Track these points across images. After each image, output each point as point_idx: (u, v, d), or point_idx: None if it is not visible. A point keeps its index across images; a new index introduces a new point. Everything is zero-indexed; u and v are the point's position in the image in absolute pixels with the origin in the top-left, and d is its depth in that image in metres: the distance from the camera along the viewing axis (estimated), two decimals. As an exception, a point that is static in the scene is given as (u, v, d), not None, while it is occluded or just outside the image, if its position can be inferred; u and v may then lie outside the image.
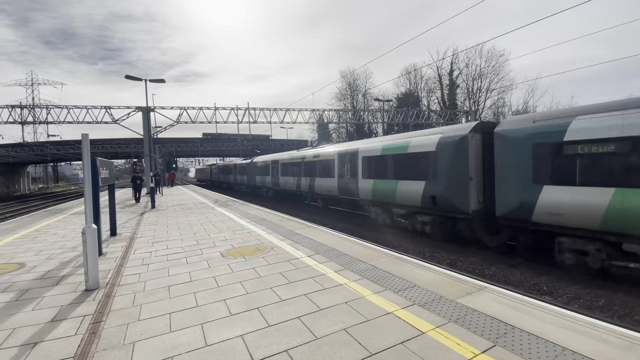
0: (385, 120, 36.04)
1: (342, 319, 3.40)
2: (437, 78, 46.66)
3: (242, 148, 48.30)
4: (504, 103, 41.99)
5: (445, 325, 3.21)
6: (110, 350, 2.92)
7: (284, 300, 3.93)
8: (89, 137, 4.77)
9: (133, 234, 8.53)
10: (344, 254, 5.88)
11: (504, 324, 3.21)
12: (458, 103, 44.31)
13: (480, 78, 42.26)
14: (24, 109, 25.69)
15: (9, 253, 6.64)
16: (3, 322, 3.50)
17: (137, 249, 6.81)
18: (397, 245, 9.61)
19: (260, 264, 5.46)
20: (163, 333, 3.20)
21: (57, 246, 7.21)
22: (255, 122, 29.24)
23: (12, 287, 4.60)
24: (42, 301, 4.08)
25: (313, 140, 60.09)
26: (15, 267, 5.58)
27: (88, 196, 4.60)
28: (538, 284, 6.65)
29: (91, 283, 4.44)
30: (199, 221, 10.26)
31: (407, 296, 3.94)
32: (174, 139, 49.64)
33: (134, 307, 3.83)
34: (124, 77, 21.55)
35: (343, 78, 54.70)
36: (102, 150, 42.75)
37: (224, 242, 7.21)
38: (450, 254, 8.80)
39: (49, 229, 9.52)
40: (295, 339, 3.02)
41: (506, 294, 3.96)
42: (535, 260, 7.70)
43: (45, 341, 3.10)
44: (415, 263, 5.34)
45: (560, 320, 3.27)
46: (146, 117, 24.09)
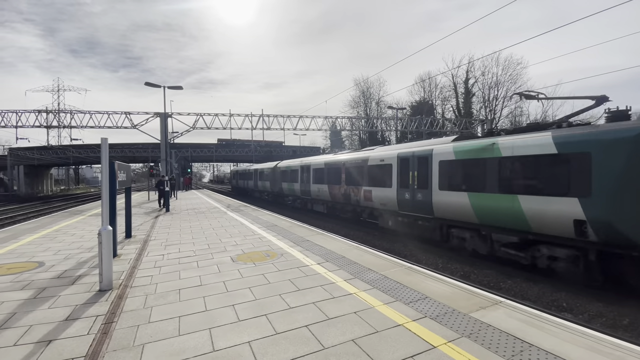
0: (399, 129, 35.81)
1: (350, 329, 3.34)
2: (452, 86, 46.22)
3: (255, 154, 48.86)
4: (521, 112, 41.12)
5: (458, 340, 3.10)
6: (120, 351, 2.95)
7: (292, 308, 3.90)
8: (109, 141, 4.92)
9: (147, 236, 8.69)
10: (354, 263, 5.81)
11: (520, 341, 3.08)
12: (473, 111, 43.66)
13: (497, 86, 41.61)
14: (49, 113, 26.83)
15: (29, 252, 6.87)
16: (21, 319, 3.60)
17: (150, 251, 6.93)
18: (408, 255, 9.45)
19: (269, 270, 5.46)
20: (172, 336, 3.22)
21: (74, 246, 7.41)
22: (269, 129, 29.54)
23: (31, 285, 4.74)
24: (57, 300, 4.18)
25: (325, 147, 60.26)
26: (34, 266, 5.76)
27: (105, 198, 4.72)
28: (557, 299, 6.38)
29: (105, 284, 4.52)
30: (211, 225, 10.37)
31: (418, 308, 3.85)
32: (190, 144, 50.72)
33: (145, 309, 3.87)
34: (143, 84, 22.21)
35: (357, 86, 54.93)
36: (121, 154, 44.03)
37: (234, 247, 7.25)
38: (464, 265, 8.57)
39: (68, 230, 9.81)
40: (302, 348, 2.98)
41: (523, 310, 3.80)
42: (554, 275, 7.41)
43: (59, 339, 3.17)
44: (427, 274, 5.22)
45: (580, 339, 3.12)
46: (164, 122, 24.73)
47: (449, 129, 36.13)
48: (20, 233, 9.23)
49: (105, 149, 4.81)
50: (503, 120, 41.70)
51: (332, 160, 16.54)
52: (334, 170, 16.07)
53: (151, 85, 22.10)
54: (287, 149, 52.78)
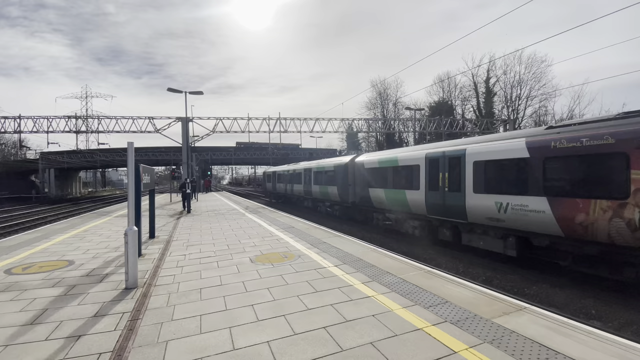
0: (417, 130, 35.31)
1: (369, 332, 3.32)
2: (473, 86, 45.10)
3: (273, 156, 49.42)
4: (546, 111, 39.62)
5: (480, 346, 3.03)
6: (145, 347, 3.06)
7: (310, 309, 3.91)
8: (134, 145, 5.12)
9: (169, 237, 8.96)
10: (371, 265, 5.78)
11: (545, 349, 2.96)
12: (495, 111, 42.45)
13: (520, 85, 40.26)
14: (78, 119, 28.20)
15: (60, 251, 7.23)
16: (52, 315, 3.80)
17: (172, 251, 7.14)
18: (428, 259, 9.28)
19: (287, 271, 5.50)
20: (194, 334, 3.31)
21: (102, 246, 7.74)
22: (286, 132, 29.95)
23: (62, 283, 4.99)
24: (86, 297, 4.38)
25: (342, 149, 60.18)
26: (65, 264, 6.06)
27: (131, 200, 4.92)
28: (585, 306, 6.10)
29: (131, 282, 4.70)
30: (230, 227, 10.57)
31: (438, 312, 3.78)
32: (210, 147, 51.89)
33: (168, 307, 4.00)
34: (165, 90, 23.00)
35: (373, 87, 54.60)
36: (144, 158, 45.62)
37: (253, 247, 7.36)
38: (486, 270, 8.34)
39: (96, 230, 10.25)
40: (320, 349, 3.00)
41: (549, 316, 3.66)
42: (582, 281, 7.09)
43: (88, 335, 3.32)
44: (447, 278, 5.11)
45: (610, 347, 2.97)
46: (185, 126, 25.47)
47: (469, 130, 35.29)
48: (52, 233, 9.72)
49: (131, 152, 5.00)
50: (527, 119, 40.36)
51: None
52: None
53: (173, 91, 22.82)
54: (303, 151, 53.10)
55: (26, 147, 46.11)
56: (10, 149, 50.65)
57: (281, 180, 27.85)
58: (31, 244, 8.03)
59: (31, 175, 50.76)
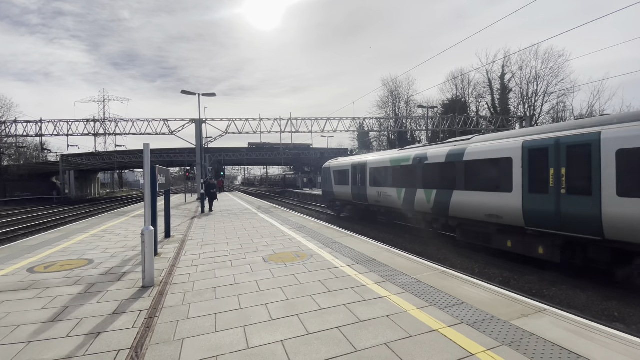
0: (430, 128, 34.84)
1: (383, 332, 3.29)
2: (487, 82, 44.13)
3: (284, 157, 49.67)
4: (564, 107, 38.41)
5: (498, 349, 2.95)
6: (162, 344, 3.12)
7: (324, 309, 3.90)
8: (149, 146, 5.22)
9: (184, 236, 9.11)
10: (385, 266, 5.72)
11: (567, 352, 2.87)
12: (511, 108, 41.43)
13: (537, 81, 39.12)
14: (96, 122, 29.03)
15: (80, 250, 7.45)
16: (72, 312, 3.91)
17: (187, 250, 7.25)
18: (442, 259, 9.14)
19: (300, 270, 5.51)
20: (209, 332, 3.35)
21: (120, 245, 7.93)
22: (297, 132, 30.00)
23: (82, 281, 5.14)
24: (105, 295, 4.49)
25: (353, 149, 59.95)
26: (85, 263, 6.24)
27: (147, 200, 5.01)
28: (608, 309, 5.89)
29: (147, 281, 4.80)
30: (244, 226, 10.67)
31: (454, 314, 3.70)
32: (222, 148, 52.56)
33: (184, 306, 4.06)
34: (179, 93, 23.64)
35: (385, 86, 54.15)
36: (159, 159, 46.61)
37: (265, 247, 7.41)
38: (503, 271, 8.15)
39: (114, 230, 10.52)
40: (334, 349, 2.98)
41: (570, 319, 3.54)
42: (603, 283, 6.84)
43: (107, 332, 3.40)
44: (463, 279, 5.02)
45: (635, 351, 2.84)
46: (199, 128, 25.86)
47: (484, 127, 34.57)
48: (72, 233, 10.03)
49: (147, 154, 5.10)
50: (544, 116, 39.24)
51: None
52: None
53: (187, 93, 23.20)
54: (315, 151, 53.13)
55: (47, 149, 47.70)
56: (33, 152, 52.60)
57: (383, 180, 14.27)
58: (52, 243, 8.31)
59: (52, 177, 52.58)
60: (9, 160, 48.79)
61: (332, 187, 19.64)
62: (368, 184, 15.35)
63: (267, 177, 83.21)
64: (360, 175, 16.20)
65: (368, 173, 15.40)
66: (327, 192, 21.04)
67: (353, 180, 16.92)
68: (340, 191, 18.59)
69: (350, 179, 17.22)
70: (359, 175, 16.28)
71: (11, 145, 45.82)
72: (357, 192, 16.44)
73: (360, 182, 16.13)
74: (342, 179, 18.29)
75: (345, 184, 17.81)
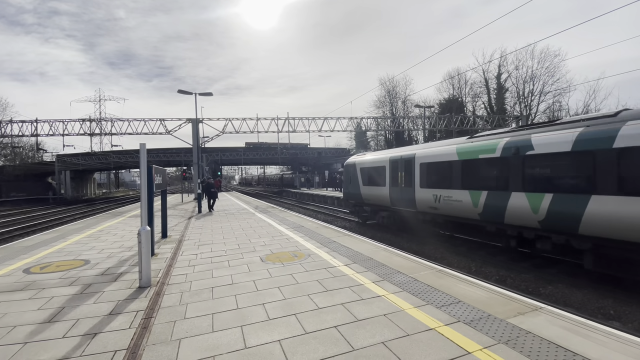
0: (427, 127, 34.92)
1: (380, 331, 3.29)
2: (484, 82, 44.27)
3: (282, 156, 49.62)
4: (560, 106, 38.64)
5: (495, 347, 2.97)
6: (159, 345, 3.11)
7: (321, 308, 3.91)
8: (146, 146, 5.20)
9: (181, 236, 9.07)
10: (382, 265, 5.73)
11: (563, 350, 2.89)
12: (507, 108, 41.64)
13: (533, 80, 39.32)
14: (92, 122, 28.84)
15: (76, 250, 7.40)
16: (69, 313, 3.89)
17: (184, 250, 7.23)
18: (439, 258, 9.18)
19: (297, 270, 5.51)
20: (206, 332, 3.34)
21: (116, 245, 7.89)
22: (295, 132, 29.95)
23: (78, 282, 5.11)
24: (102, 295, 4.47)
25: (351, 148, 60.00)
26: (81, 264, 6.20)
27: (144, 200, 4.99)
28: (604, 307, 5.93)
29: (144, 281, 4.78)
30: (241, 226, 10.65)
31: (450, 312, 3.72)
32: (219, 148, 52.41)
33: (181, 306, 4.05)
34: (175, 92, 23.34)
35: (382, 85, 54.19)
36: (156, 159, 46.37)
37: (263, 247, 7.40)
38: (499, 269, 8.19)
39: (110, 230, 10.46)
40: (332, 348, 2.99)
41: (566, 317, 3.57)
42: (600, 281, 6.89)
43: (103, 332, 3.38)
44: (460, 277, 5.04)
45: (631, 348, 2.87)
46: (195, 128, 25.76)
47: (480, 127, 34.70)
48: (68, 233, 9.97)
49: (144, 153, 5.08)
50: (540, 115, 39.46)
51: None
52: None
53: (184, 93, 23.11)
54: (312, 150, 53.14)
55: (43, 149, 47.40)
56: (28, 152, 52.20)
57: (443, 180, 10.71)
58: (48, 243, 8.25)
59: (48, 177, 52.24)
60: (5, 161, 48.44)
61: (359, 189, 15.77)
62: (417, 184, 11.59)
63: (264, 177, 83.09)
64: (403, 173, 12.50)
65: (417, 170, 11.67)
66: (350, 195, 17.00)
67: (392, 180, 13.27)
68: (372, 194, 14.82)
69: (387, 178, 13.53)
70: (402, 174, 12.55)
71: (6, 146, 45.44)
72: (399, 196, 12.71)
73: (404, 183, 12.44)
74: (375, 179, 14.55)
75: (379, 185, 14.06)
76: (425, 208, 11.28)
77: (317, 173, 51.09)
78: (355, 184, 16.20)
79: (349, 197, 17.42)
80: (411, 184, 11.95)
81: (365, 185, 15.31)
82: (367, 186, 15.15)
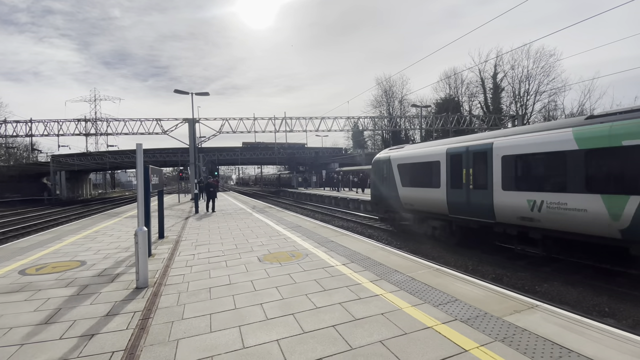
0: (423, 127, 35.04)
1: (378, 330, 3.31)
2: (480, 82, 44.58)
3: (279, 156, 49.57)
4: (555, 106, 38.97)
5: (491, 344, 3.00)
6: (156, 345, 3.10)
7: (319, 307, 3.92)
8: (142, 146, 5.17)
9: (178, 237, 9.05)
10: (379, 264, 5.76)
11: (558, 347, 2.92)
12: (503, 107, 41.90)
13: (528, 80, 39.67)
14: (87, 122, 28.64)
15: (72, 252, 7.36)
16: (65, 314, 3.87)
17: (181, 251, 7.21)
18: (436, 257, 9.22)
19: (295, 270, 5.52)
20: (204, 333, 3.34)
21: (113, 246, 7.85)
22: (292, 131, 29.92)
23: (74, 283, 5.08)
24: (98, 296, 4.45)
25: (348, 148, 60.08)
26: (77, 265, 6.16)
27: (141, 201, 4.97)
28: (599, 304, 5.99)
29: (141, 282, 4.76)
30: (238, 226, 10.63)
31: (447, 311, 3.75)
32: (216, 148, 52.25)
33: (178, 306, 4.04)
34: (171, 92, 23.46)
35: (379, 85, 54.33)
36: (152, 159, 46.15)
37: (260, 247, 7.40)
38: (495, 268, 8.24)
39: (107, 231, 10.41)
40: (330, 347, 3.00)
41: (561, 314, 3.61)
42: (594, 278, 6.96)
43: (101, 334, 3.37)
44: (456, 276, 5.07)
45: (625, 345, 2.91)
46: (192, 127, 25.65)
47: (477, 126, 34.88)
48: (64, 234, 9.90)
49: (140, 153, 5.06)
50: (536, 115, 39.76)
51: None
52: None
53: (180, 92, 23.01)
54: (309, 150, 53.12)
55: (38, 150, 47.01)
56: (22, 153, 51.74)
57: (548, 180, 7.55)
58: (44, 245, 8.19)
59: (43, 177, 51.77)
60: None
61: (396, 191, 12.33)
62: (497, 185, 8.43)
63: (261, 177, 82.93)
64: (472, 170, 9.23)
65: (497, 166, 8.48)
66: (382, 198, 13.45)
67: (452, 180, 9.88)
68: (417, 197, 11.36)
69: (444, 177, 10.13)
70: (470, 171, 9.27)
71: (1, 146, 45.00)
72: (465, 201, 9.41)
73: (473, 183, 9.18)
74: (422, 178, 11.17)
75: (430, 186, 10.67)
76: (512, 219, 8.13)
77: (315, 173, 51.12)
78: (389, 184, 12.81)
79: (379, 201, 13.88)
80: (487, 185, 8.74)
81: (406, 187, 11.92)
82: (409, 187, 11.77)
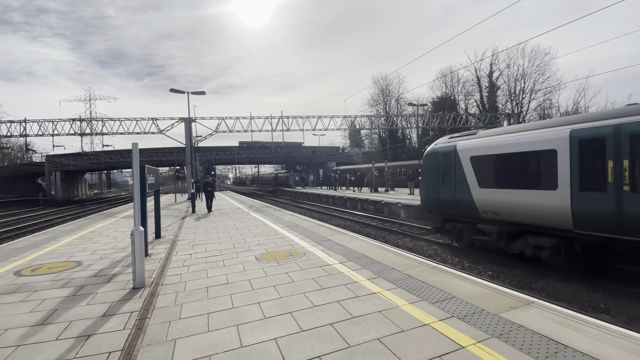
0: (420, 125, 35.12)
1: (375, 328, 3.32)
2: (476, 80, 44.73)
3: (276, 155, 49.48)
4: (550, 104, 39.24)
5: (488, 341, 3.02)
6: (154, 345, 3.09)
7: (317, 306, 3.92)
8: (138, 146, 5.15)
9: (175, 236, 9.01)
10: (377, 262, 5.77)
11: (554, 343, 2.95)
12: (499, 105, 42.11)
13: (524, 78, 39.88)
14: (82, 121, 28.40)
15: (68, 252, 7.31)
16: (61, 315, 3.84)
17: (178, 251, 7.18)
18: (433, 255, 9.26)
19: (293, 269, 5.52)
20: (201, 332, 3.33)
21: (109, 247, 7.81)
22: (289, 130, 29.82)
23: (70, 283, 5.04)
24: (95, 297, 4.43)
25: (345, 147, 60.09)
26: (73, 265, 6.12)
27: (137, 200, 4.95)
28: (594, 300, 6.05)
29: (138, 282, 4.74)
30: (235, 226, 10.61)
31: (444, 308, 3.77)
32: (213, 147, 52.05)
33: (176, 306, 4.03)
34: (167, 91, 23.18)
35: (375, 84, 54.37)
36: (148, 159, 45.82)
37: (258, 246, 7.39)
38: (492, 265, 8.29)
39: (103, 231, 10.34)
40: (328, 345, 3.00)
41: (557, 310, 3.64)
42: (590, 275, 7.03)
43: (97, 334, 3.35)
44: (453, 273, 5.10)
45: (620, 341, 2.95)
46: (188, 127, 25.53)
47: (473, 125, 35.03)
48: (60, 234, 9.82)
49: (136, 153, 5.03)
50: (531, 113, 40.01)
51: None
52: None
53: (176, 92, 22.90)
54: (306, 149, 53.11)
55: (32, 150, 46.42)
56: (17, 153, 51.25)
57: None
58: (39, 245, 8.12)
59: (38, 178, 51.30)
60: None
61: (469, 194, 8.71)
62: None
63: (258, 176, 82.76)
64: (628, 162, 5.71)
65: None
66: (443, 202, 9.69)
67: (584, 178, 6.33)
68: (508, 202, 7.76)
69: (565, 173, 6.54)
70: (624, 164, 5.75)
71: (-6, 146, 44.52)
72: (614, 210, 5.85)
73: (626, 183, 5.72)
74: (517, 176, 7.60)
75: (535, 187, 7.18)
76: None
77: (312, 172, 51.08)
78: (457, 184, 9.13)
79: (436, 206, 10.11)
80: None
81: (487, 188, 8.33)
82: (493, 189, 8.18)
